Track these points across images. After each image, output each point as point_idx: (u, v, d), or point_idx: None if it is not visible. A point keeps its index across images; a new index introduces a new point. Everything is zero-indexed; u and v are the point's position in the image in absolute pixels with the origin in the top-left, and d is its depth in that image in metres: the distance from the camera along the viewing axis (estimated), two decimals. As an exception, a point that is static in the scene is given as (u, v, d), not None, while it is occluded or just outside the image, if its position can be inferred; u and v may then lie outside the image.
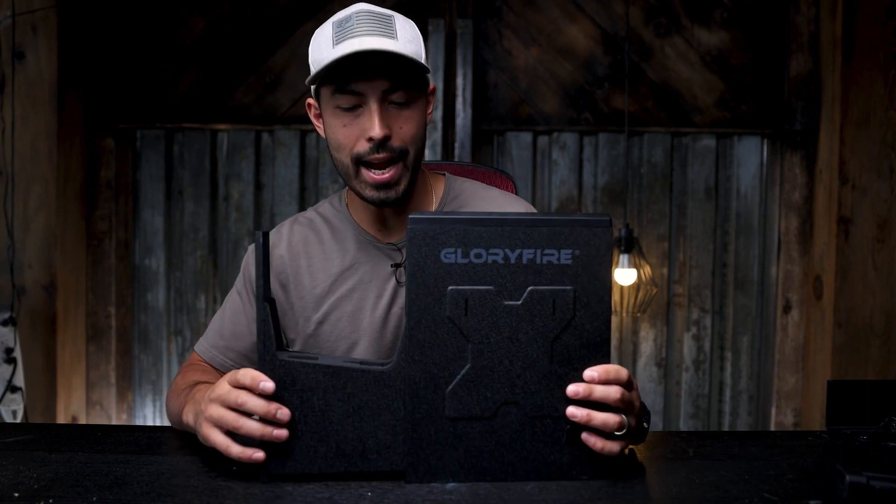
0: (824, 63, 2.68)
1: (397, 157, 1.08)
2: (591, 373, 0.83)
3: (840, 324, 2.54)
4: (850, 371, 2.54)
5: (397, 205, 1.14)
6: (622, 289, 2.69)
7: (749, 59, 2.80)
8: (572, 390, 0.83)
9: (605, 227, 0.83)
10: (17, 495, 0.80)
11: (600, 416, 0.82)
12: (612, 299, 0.85)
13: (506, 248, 0.82)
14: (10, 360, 2.34)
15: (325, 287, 1.19)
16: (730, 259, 2.83)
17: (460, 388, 0.83)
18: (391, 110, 1.08)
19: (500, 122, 2.83)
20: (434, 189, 1.24)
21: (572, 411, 0.83)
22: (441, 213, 0.87)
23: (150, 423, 2.92)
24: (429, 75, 1.13)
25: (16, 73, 2.52)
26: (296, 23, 2.82)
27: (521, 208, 1.24)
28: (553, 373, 0.84)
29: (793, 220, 2.79)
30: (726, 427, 2.85)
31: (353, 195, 1.19)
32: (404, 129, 1.08)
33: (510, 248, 0.83)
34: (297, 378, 0.83)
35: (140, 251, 2.90)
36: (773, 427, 2.80)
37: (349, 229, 1.21)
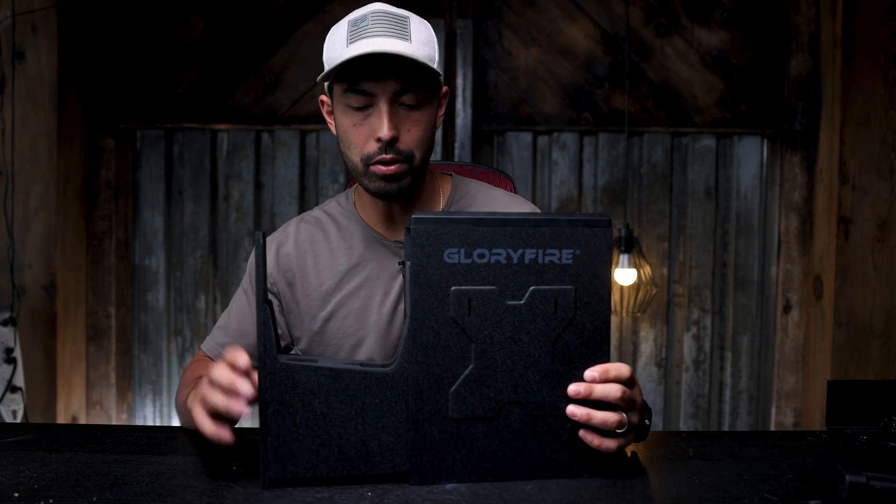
0: (824, 63, 2.68)
1: (403, 160, 1.09)
2: (591, 373, 0.83)
3: (840, 324, 2.54)
4: (850, 371, 2.53)
5: (399, 199, 1.14)
6: (622, 289, 2.69)
7: (749, 59, 2.80)
8: (573, 390, 0.83)
9: (605, 226, 0.84)
10: (17, 495, 0.80)
11: (600, 415, 0.83)
12: (611, 299, 0.85)
13: (508, 248, 0.83)
14: (10, 360, 2.34)
15: (331, 284, 1.20)
16: (730, 259, 2.83)
17: (464, 389, 0.83)
18: (401, 112, 1.08)
19: (500, 122, 2.83)
20: (441, 189, 1.25)
21: (572, 410, 0.83)
22: (444, 213, 0.86)
23: (150, 423, 2.92)
24: (441, 78, 1.13)
25: (16, 73, 2.52)
26: (296, 23, 2.82)
27: (526, 209, 1.25)
28: (554, 372, 0.84)
29: (793, 220, 2.79)
30: (726, 427, 2.85)
31: (361, 194, 1.20)
32: (412, 132, 1.09)
33: (513, 247, 0.83)
34: (299, 381, 0.82)
35: (140, 251, 2.90)
36: (773, 427, 2.80)
37: (356, 227, 1.22)
